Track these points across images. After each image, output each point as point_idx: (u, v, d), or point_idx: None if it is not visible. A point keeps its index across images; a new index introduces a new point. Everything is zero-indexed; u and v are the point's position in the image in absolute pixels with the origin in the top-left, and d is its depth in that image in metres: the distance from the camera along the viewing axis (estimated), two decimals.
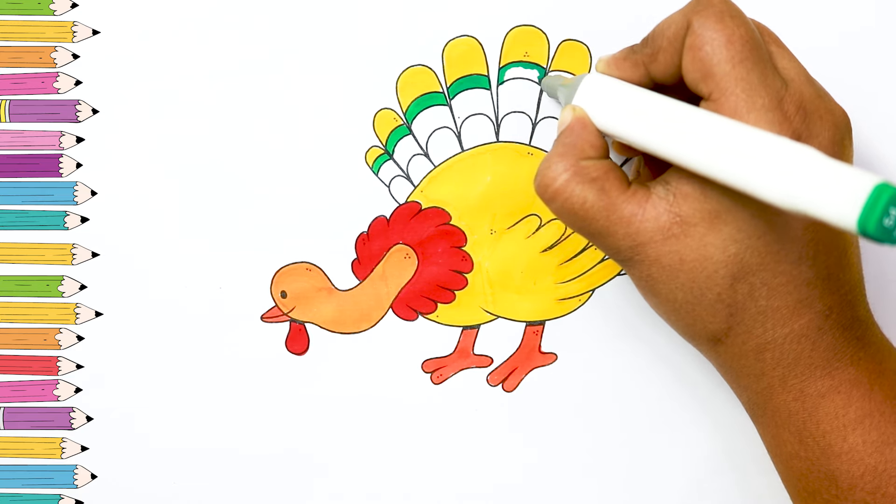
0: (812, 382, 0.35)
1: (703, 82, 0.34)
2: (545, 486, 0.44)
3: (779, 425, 0.37)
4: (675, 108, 0.34)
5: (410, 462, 0.44)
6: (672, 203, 0.34)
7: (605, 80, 0.37)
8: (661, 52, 0.35)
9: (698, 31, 0.34)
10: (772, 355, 0.35)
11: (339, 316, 0.43)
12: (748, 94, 0.33)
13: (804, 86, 0.34)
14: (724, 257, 0.34)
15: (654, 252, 0.35)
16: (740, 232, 0.34)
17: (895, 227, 0.28)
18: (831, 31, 0.42)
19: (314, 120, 0.42)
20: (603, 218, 0.35)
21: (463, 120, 0.42)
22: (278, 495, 0.44)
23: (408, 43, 0.42)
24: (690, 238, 0.34)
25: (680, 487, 0.44)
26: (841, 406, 0.35)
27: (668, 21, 0.35)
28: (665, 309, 0.36)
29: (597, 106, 0.36)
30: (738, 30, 0.34)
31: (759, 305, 0.35)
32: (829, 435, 0.35)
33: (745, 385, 0.37)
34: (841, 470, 0.36)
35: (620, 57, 0.37)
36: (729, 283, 0.34)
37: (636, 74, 0.37)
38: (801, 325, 0.35)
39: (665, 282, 0.35)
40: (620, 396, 0.44)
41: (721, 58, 0.33)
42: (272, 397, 0.44)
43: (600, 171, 0.35)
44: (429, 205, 0.43)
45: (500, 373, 0.44)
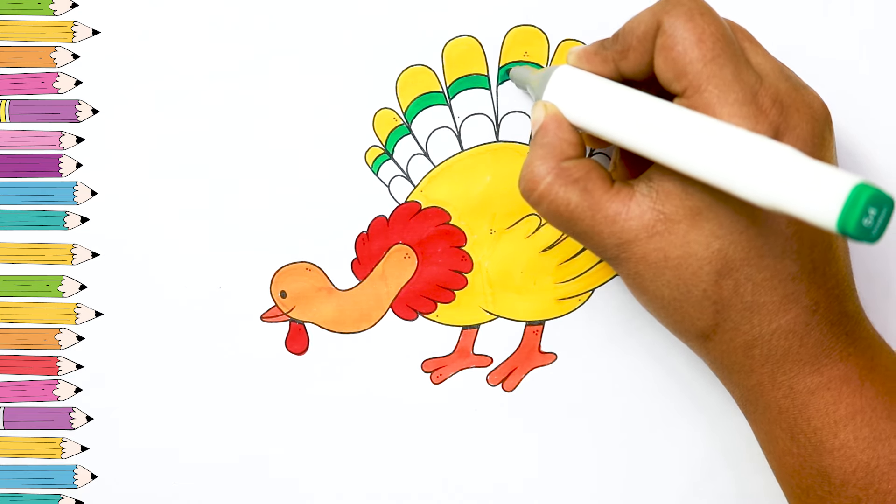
0: (801, 379, 0.35)
1: (676, 81, 0.34)
2: (545, 486, 0.44)
3: (770, 422, 0.37)
4: (651, 105, 0.34)
5: (410, 462, 0.44)
6: (655, 200, 0.34)
7: (576, 74, 0.37)
8: (631, 50, 0.35)
9: (669, 30, 0.34)
10: (760, 352, 0.35)
11: (339, 316, 0.43)
12: (721, 90, 0.33)
13: (779, 80, 0.34)
14: (707, 254, 0.34)
15: (639, 250, 0.35)
16: (722, 228, 0.34)
17: (874, 226, 0.28)
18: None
19: (314, 120, 0.42)
20: (588, 218, 0.35)
21: (463, 120, 0.42)
22: (278, 495, 0.44)
23: (408, 43, 0.42)
24: (674, 235, 0.34)
25: (678, 487, 0.44)
26: (831, 402, 0.35)
27: (637, 20, 0.35)
28: (654, 306, 0.36)
29: (569, 100, 0.36)
30: (708, 27, 0.34)
31: (744, 301, 0.35)
32: (820, 431, 0.35)
33: (736, 381, 0.37)
34: (833, 466, 0.35)
35: (591, 51, 0.37)
36: (714, 280, 0.34)
37: (606, 69, 0.36)
38: (788, 320, 0.35)
39: (652, 279, 0.35)
40: (620, 396, 0.44)
41: (693, 57, 0.33)
42: (272, 397, 0.44)
43: (582, 172, 0.35)
44: (428, 205, 0.43)
45: (500, 373, 0.44)
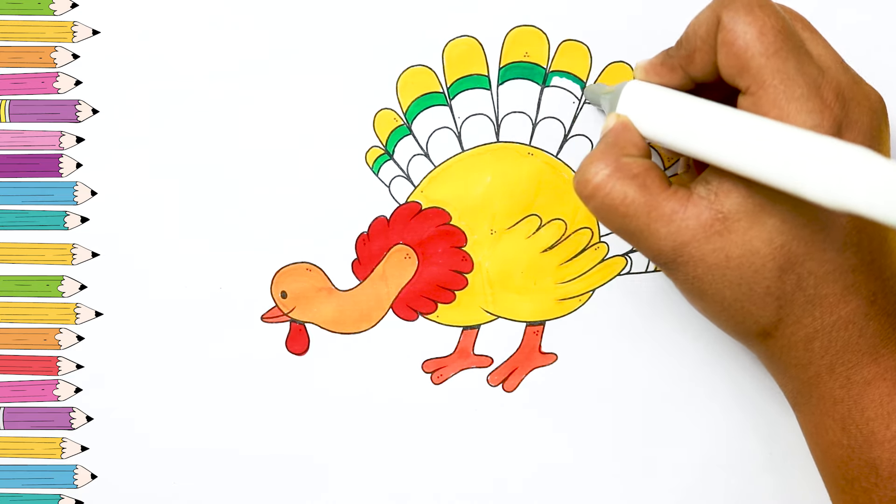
0: (859, 370, 0.35)
1: (739, 77, 0.34)
2: (545, 486, 0.44)
3: (823, 413, 0.37)
4: (716, 113, 0.34)
5: (410, 462, 0.44)
6: (714, 201, 0.34)
7: (644, 87, 0.36)
8: (697, 51, 0.35)
9: (729, 25, 0.34)
10: (820, 343, 0.35)
11: (339, 316, 0.43)
12: (786, 85, 0.33)
13: (840, 73, 0.34)
14: (770, 250, 0.34)
15: (697, 251, 0.35)
16: (785, 223, 0.34)
17: None
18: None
19: (314, 120, 0.42)
20: (644, 214, 0.35)
21: (463, 120, 0.42)
22: (278, 495, 0.44)
23: (408, 43, 0.42)
24: (734, 234, 0.34)
25: (678, 487, 0.44)
26: (886, 393, 0.35)
27: (698, 20, 0.35)
28: (714, 309, 0.36)
29: (639, 113, 0.36)
30: (768, 20, 0.33)
31: (807, 295, 0.35)
32: (873, 422, 0.35)
33: (792, 375, 0.37)
34: (882, 458, 0.35)
35: (657, 62, 0.37)
36: (777, 276, 0.34)
37: (675, 77, 0.36)
38: (849, 311, 0.35)
39: (711, 281, 0.35)
40: (620, 396, 0.44)
41: (755, 51, 0.33)
42: (272, 397, 0.44)
43: (641, 168, 0.35)
44: (429, 205, 0.43)
45: (501, 373, 0.44)
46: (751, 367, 0.43)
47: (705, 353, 0.43)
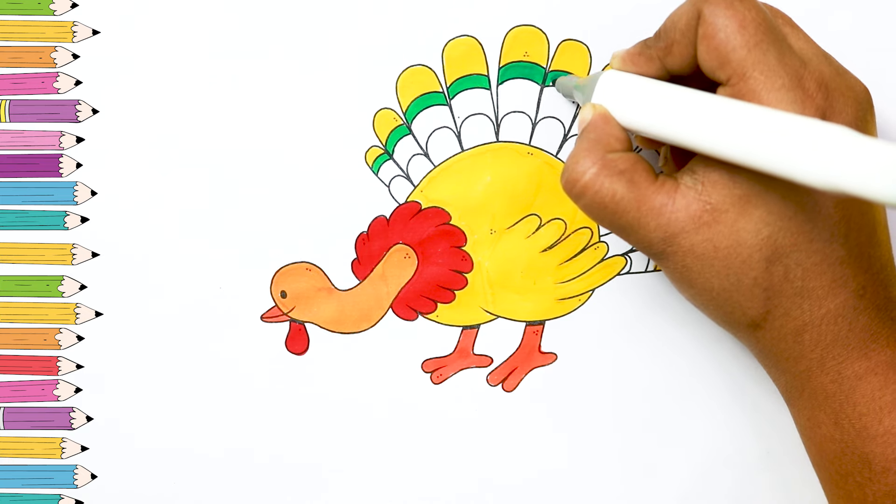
0: (850, 364, 0.36)
1: (720, 69, 0.34)
2: (545, 486, 0.44)
3: (815, 407, 0.37)
4: (699, 99, 0.34)
5: (410, 462, 0.44)
6: (701, 192, 0.34)
7: (622, 76, 0.37)
8: (675, 44, 0.35)
9: (710, 19, 0.34)
10: (810, 337, 0.35)
11: (339, 316, 0.43)
12: (766, 76, 0.33)
13: (823, 64, 0.34)
14: (757, 241, 0.34)
15: (686, 242, 0.35)
16: (771, 214, 0.34)
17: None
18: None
19: (314, 120, 0.42)
20: (634, 209, 0.35)
21: (463, 120, 0.42)
22: (278, 495, 0.44)
23: (408, 43, 0.42)
24: (722, 224, 0.34)
25: (678, 487, 0.44)
26: (878, 388, 0.35)
27: (678, 12, 0.35)
28: (702, 299, 0.36)
29: (617, 102, 0.36)
30: (749, 13, 0.34)
31: (795, 287, 0.35)
32: (865, 417, 0.36)
33: (783, 368, 0.37)
34: (875, 453, 0.36)
35: (635, 52, 0.37)
36: (764, 267, 0.34)
37: (652, 68, 0.37)
38: (837, 304, 0.35)
39: (700, 271, 0.35)
40: (620, 396, 0.44)
41: (736, 43, 0.33)
42: (272, 397, 0.44)
43: (628, 164, 0.35)
44: (429, 205, 0.43)
45: (500, 373, 0.44)
46: (750, 367, 0.43)
47: (705, 352, 0.43)
